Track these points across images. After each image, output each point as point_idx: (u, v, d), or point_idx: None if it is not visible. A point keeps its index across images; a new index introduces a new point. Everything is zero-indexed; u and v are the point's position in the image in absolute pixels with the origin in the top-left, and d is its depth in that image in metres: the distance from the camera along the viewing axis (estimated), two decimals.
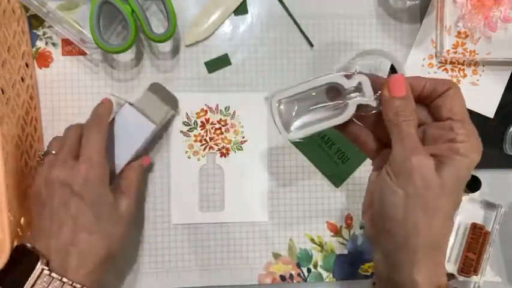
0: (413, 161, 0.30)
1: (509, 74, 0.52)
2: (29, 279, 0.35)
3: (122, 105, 0.48)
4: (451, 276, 0.32)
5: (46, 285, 0.35)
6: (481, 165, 0.52)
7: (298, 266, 0.52)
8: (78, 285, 0.37)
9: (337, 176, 0.52)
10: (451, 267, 0.51)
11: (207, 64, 0.52)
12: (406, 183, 0.31)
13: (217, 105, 0.51)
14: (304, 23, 0.52)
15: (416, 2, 0.49)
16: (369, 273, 0.53)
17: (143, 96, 0.50)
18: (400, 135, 0.31)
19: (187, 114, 0.51)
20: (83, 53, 0.50)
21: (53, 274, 0.36)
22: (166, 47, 0.51)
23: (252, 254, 0.52)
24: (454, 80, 0.52)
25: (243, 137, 0.52)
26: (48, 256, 0.37)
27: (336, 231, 0.53)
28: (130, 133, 0.47)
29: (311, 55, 0.52)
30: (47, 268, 0.36)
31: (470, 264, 0.51)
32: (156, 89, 0.49)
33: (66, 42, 0.50)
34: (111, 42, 0.47)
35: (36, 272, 0.36)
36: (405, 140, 0.31)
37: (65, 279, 0.36)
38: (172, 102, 0.50)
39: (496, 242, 0.52)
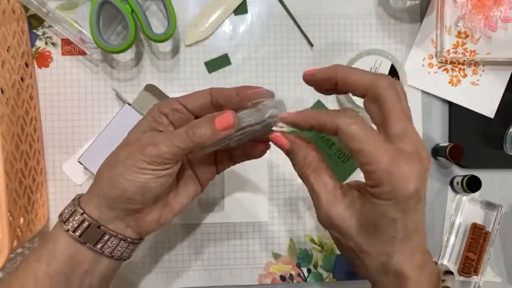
0: (325, 220, 0.31)
1: (510, 74, 0.52)
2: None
3: (121, 106, 0.48)
4: (449, 273, 0.32)
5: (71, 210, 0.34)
6: (481, 165, 0.52)
7: (298, 266, 0.52)
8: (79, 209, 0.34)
9: (337, 176, 0.52)
10: (451, 267, 0.51)
11: (207, 64, 0.51)
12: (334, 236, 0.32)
13: None
14: (304, 23, 0.52)
15: (417, 2, 0.49)
16: None
17: (140, 97, 0.50)
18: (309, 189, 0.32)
19: None
20: (83, 53, 0.50)
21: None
22: (166, 47, 0.51)
23: (252, 254, 0.52)
24: (454, 80, 0.52)
25: None
26: None
27: None
28: None
29: (311, 55, 0.52)
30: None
31: (470, 264, 0.51)
32: (152, 89, 0.50)
33: (65, 42, 0.50)
34: (111, 42, 0.47)
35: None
36: (312, 197, 0.32)
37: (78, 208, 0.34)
38: None
39: (496, 242, 0.52)
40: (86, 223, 0.33)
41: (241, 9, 0.52)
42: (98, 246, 0.34)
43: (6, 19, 0.45)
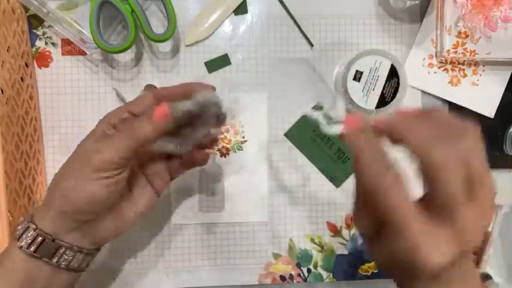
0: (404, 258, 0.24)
1: (510, 74, 0.52)
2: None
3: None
4: (488, 277, 0.31)
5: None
6: None
7: (298, 266, 0.52)
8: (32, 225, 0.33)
9: (337, 176, 0.52)
10: None
11: (207, 64, 0.51)
12: None
13: None
14: (304, 23, 0.52)
15: (417, 2, 0.49)
16: (369, 273, 0.53)
17: None
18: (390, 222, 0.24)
19: None
20: (83, 53, 0.50)
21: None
22: (166, 47, 0.51)
23: (252, 254, 0.52)
24: (454, 80, 0.52)
25: (243, 137, 0.51)
26: None
27: (336, 232, 0.53)
28: None
29: (311, 55, 0.52)
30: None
31: None
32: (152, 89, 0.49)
33: (65, 42, 0.50)
34: (111, 42, 0.47)
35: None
36: (393, 224, 0.24)
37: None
38: None
39: (496, 242, 0.52)
40: (40, 238, 0.33)
41: (241, 9, 0.52)
42: (54, 260, 0.33)
43: (6, 19, 0.45)
